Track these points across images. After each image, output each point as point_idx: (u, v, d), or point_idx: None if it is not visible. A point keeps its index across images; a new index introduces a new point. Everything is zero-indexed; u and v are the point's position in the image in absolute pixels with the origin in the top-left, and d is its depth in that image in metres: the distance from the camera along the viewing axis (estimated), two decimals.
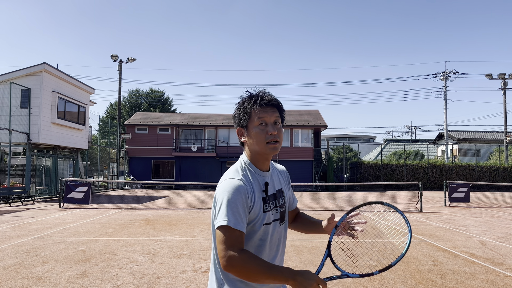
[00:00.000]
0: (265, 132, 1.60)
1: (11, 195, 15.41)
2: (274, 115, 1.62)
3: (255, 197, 1.57)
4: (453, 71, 36.71)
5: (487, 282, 5.09)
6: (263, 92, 1.67)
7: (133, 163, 32.01)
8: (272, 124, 1.61)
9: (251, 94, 1.66)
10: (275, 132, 1.60)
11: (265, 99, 1.63)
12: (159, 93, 52.64)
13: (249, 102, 1.64)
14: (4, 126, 17.08)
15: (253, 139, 1.62)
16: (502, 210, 14.84)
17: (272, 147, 1.60)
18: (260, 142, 1.60)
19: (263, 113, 1.60)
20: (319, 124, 31.59)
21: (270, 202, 1.63)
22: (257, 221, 1.57)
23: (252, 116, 1.62)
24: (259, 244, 1.60)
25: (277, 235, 1.66)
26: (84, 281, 5.00)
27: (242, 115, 1.65)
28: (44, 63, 18.04)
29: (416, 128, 63.12)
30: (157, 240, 7.92)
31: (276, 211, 1.65)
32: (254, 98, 1.63)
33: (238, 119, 1.67)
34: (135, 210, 13.68)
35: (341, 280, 5.18)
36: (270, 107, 1.62)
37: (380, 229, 7.86)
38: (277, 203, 1.67)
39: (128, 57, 31.63)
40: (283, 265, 1.68)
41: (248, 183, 1.58)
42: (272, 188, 1.67)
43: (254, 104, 1.62)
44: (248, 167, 1.64)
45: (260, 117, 1.60)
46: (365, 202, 1.84)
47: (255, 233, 1.58)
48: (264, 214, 1.59)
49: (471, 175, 32.03)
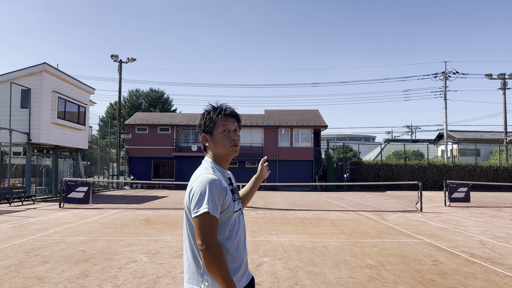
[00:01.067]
0: (228, 137, 1.94)
1: (11, 195, 15.42)
2: (235, 124, 1.97)
3: (226, 189, 1.85)
4: (453, 71, 36.71)
5: (487, 282, 5.09)
6: (225, 105, 2.00)
7: (133, 163, 32.01)
8: (233, 131, 1.96)
9: (215, 106, 1.99)
10: (236, 137, 1.95)
11: (228, 110, 1.97)
12: (159, 93, 52.62)
13: (214, 112, 1.96)
14: (4, 126, 17.08)
15: (217, 143, 1.94)
16: (502, 210, 14.84)
17: (234, 149, 1.95)
18: (225, 145, 1.93)
19: (226, 122, 1.95)
20: (319, 124, 31.59)
21: (235, 194, 1.94)
22: (229, 208, 1.85)
23: (217, 124, 1.94)
24: (232, 229, 1.87)
25: (243, 222, 2.00)
26: (84, 281, 5.01)
27: (208, 123, 1.96)
28: (44, 63, 18.04)
29: (416, 128, 63.13)
30: (157, 240, 7.92)
31: (238, 202, 1.97)
32: (219, 109, 1.97)
33: (204, 127, 1.97)
34: (135, 210, 13.69)
35: (341, 280, 5.18)
36: (231, 117, 1.97)
37: None
38: (237, 196, 1.99)
39: (128, 57, 31.62)
40: (246, 250, 1.99)
41: (219, 178, 1.85)
42: (234, 183, 2.03)
43: (218, 114, 1.95)
44: (214, 166, 1.93)
45: (224, 125, 1.94)
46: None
47: (229, 219, 1.85)
48: (234, 203, 1.89)
49: (471, 175, 32.03)
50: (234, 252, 1.85)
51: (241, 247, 1.90)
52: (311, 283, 5.01)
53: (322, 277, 5.29)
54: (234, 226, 1.88)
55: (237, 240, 1.88)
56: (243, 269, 1.90)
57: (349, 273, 5.50)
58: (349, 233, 9.02)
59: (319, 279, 5.22)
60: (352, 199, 20.08)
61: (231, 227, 1.86)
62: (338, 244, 7.65)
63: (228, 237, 1.85)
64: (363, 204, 17.30)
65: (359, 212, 13.82)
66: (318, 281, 5.12)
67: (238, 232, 1.89)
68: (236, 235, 1.88)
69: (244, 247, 1.94)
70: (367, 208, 15.15)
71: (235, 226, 1.88)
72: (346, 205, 16.49)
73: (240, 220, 1.95)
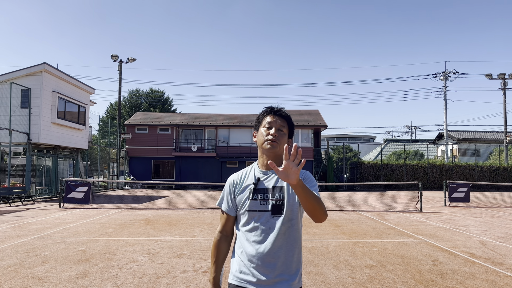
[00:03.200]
0: (268, 132, 1.95)
1: (11, 195, 15.41)
2: (280, 123, 1.98)
3: (241, 187, 1.99)
4: (453, 71, 36.71)
5: (487, 282, 5.09)
6: (278, 106, 2.06)
7: (133, 163, 32.01)
8: (276, 128, 1.96)
9: (268, 106, 2.06)
10: (275, 133, 1.93)
11: (276, 109, 2.03)
12: (159, 93, 52.61)
13: (264, 111, 2.04)
14: (4, 126, 17.08)
15: (258, 137, 2.01)
16: (502, 210, 14.84)
17: (269, 143, 1.92)
18: (261, 140, 1.97)
19: (271, 119, 1.98)
20: (319, 124, 31.59)
21: (258, 194, 1.94)
22: (244, 205, 1.95)
23: (263, 121, 2.01)
24: (247, 227, 1.94)
25: (267, 225, 1.91)
26: (84, 281, 5.01)
27: (257, 119, 2.06)
28: (44, 63, 18.04)
29: (416, 128, 63.11)
30: (157, 240, 7.92)
31: (266, 203, 1.92)
32: (270, 109, 2.03)
33: (255, 124, 2.07)
34: (135, 210, 13.69)
35: (341, 280, 5.18)
36: (279, 117, 1.99)
37: None
38: (270, 197, 1.93)
39: (128, 57, 31.62)
40: (272, 255, 1.87)
41: (240, 177, 2.03)
42: (267, 184, 1.96)
43: (267, 113, 2.02)
44: (253, 166, 2.06)
45: (268, 121, 1.98)
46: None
47: (243, 217, 1.96)
48: (250, 201, 1.94)
49: (471, 175, 32.03)
50: (246, 247, 1.92)
51: (256, 247, 1.89)
52: (311, 283, 5.01)
53: (322, 277, 5.29)
54: (247, 225, 1.94)
55: (251, 242, 1.91)
56: (259, 269, 1.87)
57: (349, 273, 5.50)
58: (349, 233, 9.02)
59: (319, 279, 5.22)
60: (352, 199, 20.08)
61: (245, 224, 1.96)
62: (338, 244, 7.65)
63: (246, 231, 1.96)
64: (363, 204, 17.30)
65: (359, 212, 13.82)
66: (318, 281, 5.12)
67: (251, 232, 1.92)
68: (247, 234, 1.93)
69: (266, 251, 1.88)
70: (367, 208, 15.15)
71: (248, 224, 1.94)
72: (346, 205, 16.49)
73: (260, 221, 1.92)
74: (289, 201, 1.91)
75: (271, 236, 1.89)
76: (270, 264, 1.86)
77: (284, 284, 1.86)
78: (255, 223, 1.92)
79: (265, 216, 1.91)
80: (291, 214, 1.92)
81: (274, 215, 1.90)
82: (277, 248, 1.88)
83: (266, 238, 1.89)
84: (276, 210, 1.91)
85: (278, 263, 1.87)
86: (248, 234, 1.93)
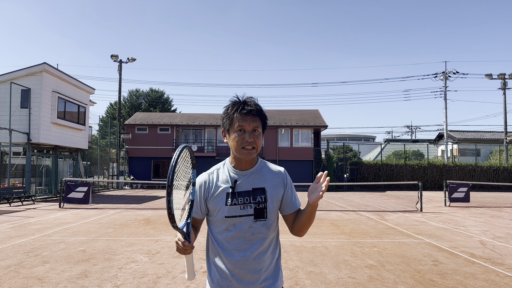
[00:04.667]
0: (242, 138, 1.76)
1: (11, 195, 15.41)
2: (253, 124, 1.78)
3: (214, 190, 1.81)
4: (453, 71, 36.71)
5: (487, 282, 5.09)
6: (248, 100, 1.81)
7: (133, 163, 32.00)
8: (250, 132, 1.77)
9: (235, 101, 1.82)
10: (250, 139, 1.76)
11: (246, 108, 1.77)
12: (159, 93, 52.60)
13: (232, 108, 1.80)
14: (4, 126, 17.07)
15: (232, 142, 1.80)
16: (502, 210, 14.84)
17: (246, 152, 1.77)
18: (237, 146, 1.77)
19: (243, 121, 1.76)
20: (319, 124, 31.58)
21: (238, 198, 1.78)
22: (218, 211, 1.79)
23: (233, 122, 1.79)
24: (227, 235, 1.78)
25: (250, 230, 1.78)
26: (84, 281, 5.00)
27: (225, 120, 1.83)
28: (44, 63, 18.03)
29: (416, 128, 63.11)
30: (157, 240, 7.92)
31: (248, 207, 1.78)
32: (237, 106, 1.79)
33: (222, 123, 1.85)
34: (135, 210, 13.68)
35: (341, 280, 5.18)
36: (250, 115, 1.77)
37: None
38: (251, 200, 1.79)
39: (128, 57, 31.62)
40: (258, 260, 1.79)
41: (210, 178, 1.85)
42: (246, 186, 1.81)
43: (235, 112, 1.78)
44: (225, 165, 1.88)
45: (239, 125, 1.77)
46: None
47: (220, 223, 1.80)
48: (227, 207, 1.77)
49: (471, 175, 32.02)
50: (228, 255, 1.79)
51: (239, 254, 1.78)
52: (311, 283, 5.01)
53: (322, 277, 5.29)
54: (229, 232, 1.79)
55: (236, 250, 1.78)
56: (244, 277, 1.78)
57: (349, 273, 5.49)
58: (349, 233, 9.01)
59: (319, 279, 5.21)
60: (352, 199, 20.07)
61: (226, 232, 1.80)
62: (338, 244, 7.65)
63: (226, 238, 1.81)
64: (363, 204, 17.30)
65: (359, 212, 13.81)
66: (318, 281, 5.12)
67: (234, 240, 1.79)
68: (230, 242, 1.79)
69: (251, 258, 1.78)
70: (367, 208, 15.14)
71: (231, 232, 1.79)
72: (346, 205, 16.49)
73: (243, 227, 1.78)
74: (272, 203, 1.83)
75: (255, 241, 1.79)
76: (255, 270, 1.78)
77: (270, 287, 1.82)
78: (237, 229, 1.78)
79: (247, 221, 1.78)
80: (273, 217, 1.84)
81: (257, 219, 1.79)
82: (262, 253, 1.80)
83: (251, 244, 1.78)
84: (258, 214, 1.79)
85: (263, 268, 1.80)
86: (229, 241, 1.78)
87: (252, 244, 1.79)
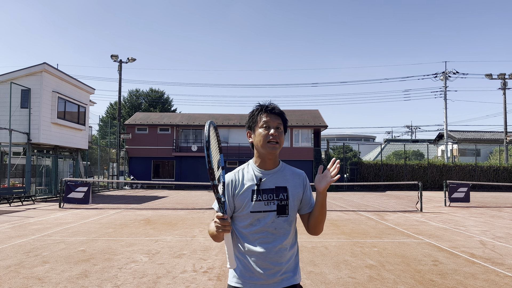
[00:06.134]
0: (267, 133, 1.94)
1: (11, 195, 15.41)
2: (276, 121, 1.97)
3: (241, 187, 1.94)
4: (453, 71, 36.70)
5: (487, 282, 5.09)
6: (270, 103, 2.04)
7: (133, 163, 32.01)
8: (274, 128, 1.95)
9: (260, 104, 2.04)
10: (275, 133, 1.93)
11: (270, 107, 2.00)
12: (159, 93, 52.62)
13: (257, 110, 2.01)
14: (4, 126, 17.07)
15: (257, 138, 1.97)
16: (502, 210, 14.84)
17: (271, 146, 1.93)
18: (263, 141, 1.94)
19: (267, 118, 1.97)
20: (319, 124, 31.58)
21: (263, 194, 1.94)
22: (244, 207, 1.92)
23: (258, 120, 1.98)
24: (252, 229, 1.92)
25: (273, 225, 1.93)
26: (84, 281, 5.01)
27: (251, 119, 2.03)
28: (44, 63, 18.03)
29: (416, 128, 63.13)
30: (157, 240, 7.92)
31: (271, 203, 1.94)
32: (261, 107, 2.01)
33: (248, 123, 2.04)
34: (135, 210, 13.68)
35: (341, 280, 5.18)
36: (273, 114, 1.98)
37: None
38: (274, 197, 1.95)
39: (128, 57, 31.63)
40: (280, 254, 1.92)
41: (237, 176, 1.98)
42: (270, 184, 1.97)
43: (261, 111, 1.99)
44: (249, 165, 2.03)
45: (264, 121, 1.96)
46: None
47: (245, 218, 1.93)
48: (252, 203, 1.92)
49: (471, 175, 32.02)
50: (252, 248, 1.91)
51: (263, 248, 1.90)
52: (311, 283, 5.01)
53: (322, 277, 5.29)
54: (254, 227, 1.92)
55: (259, 244, 1.91)
56: (266, 269, 1.89)
57: (349, 273, 5.49)
58: (349, 233, 9.01)
59: (319, 279, 5.21)
60: (352, 199, 20.07)
61: (251, 227, 1.93)
62: (338, 244, 7.65)
63: (251, 232, 1.93)
64: (363, 204, 17.30)
65: (359, 212, 13.81)
66: (318, 281, 5.12)
67: (258, 234, 1.92)
68: (254, 236, 1.92)
69: (273, 251, 1.91)
70: (367, 208, 15.14)
71: (255, 226, 1.92)
72: (346, 205, 16.49)
73: (266, 222, 1.92)
74: (293, 201, 1.97)
75: (278, 236, 1.94)
76: (277, 263, 1.91)
77: (290, 280, 1.94)
78: (261, 224, 1.92)
79: (270, 216, 1.93)
80: (293, 214, 1.99)
81: (279, 215, 1.95)
82: (284, 248, 1.94)
83: (274, 239, 1.92)
84: (281, 210, 1.95)
85: (284, 261, 1.93)
86: (254, 235, 1.92)
87: (275, 238, 1.93)
